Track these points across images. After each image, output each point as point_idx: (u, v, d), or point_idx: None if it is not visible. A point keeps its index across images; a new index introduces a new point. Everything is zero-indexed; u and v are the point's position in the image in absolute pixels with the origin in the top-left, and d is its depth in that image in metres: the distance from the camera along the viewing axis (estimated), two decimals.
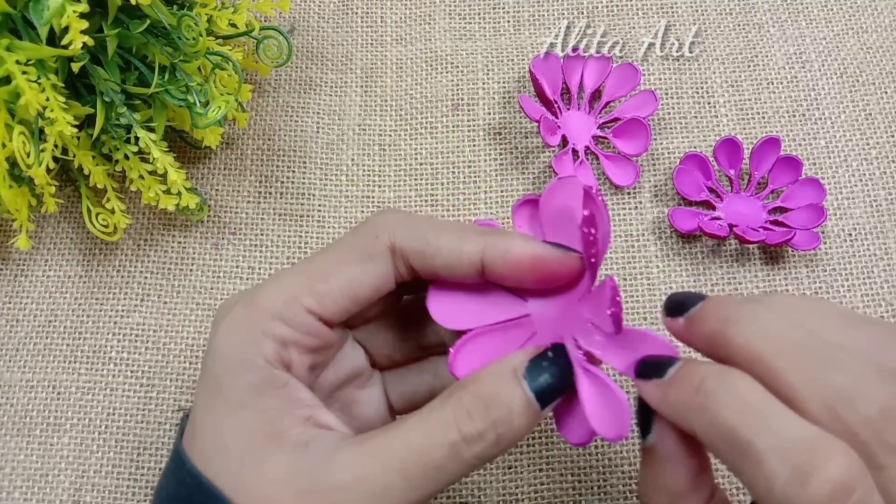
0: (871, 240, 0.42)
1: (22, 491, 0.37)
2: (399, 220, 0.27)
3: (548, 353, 0.25)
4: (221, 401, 0.26)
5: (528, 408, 0.24)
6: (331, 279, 0.26)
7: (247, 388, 0.25)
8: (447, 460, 0.24)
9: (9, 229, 0.42)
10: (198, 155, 0.44)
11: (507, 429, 0.24)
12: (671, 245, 0.42)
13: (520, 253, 0.26)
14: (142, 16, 0.35)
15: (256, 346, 0.26)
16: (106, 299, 0.41)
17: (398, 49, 0.47)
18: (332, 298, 0.26)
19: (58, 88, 0.33)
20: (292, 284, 0.26)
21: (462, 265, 0.26)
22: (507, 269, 0.26)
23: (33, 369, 0.39)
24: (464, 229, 0.27)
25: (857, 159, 0.44)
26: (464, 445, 0.24)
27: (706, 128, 0.45)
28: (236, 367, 0.26)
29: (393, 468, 0.24)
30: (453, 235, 0.27)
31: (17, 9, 0.32)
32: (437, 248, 0.26)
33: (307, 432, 0.25)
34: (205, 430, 0.26)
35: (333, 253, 0.27)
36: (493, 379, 0.25)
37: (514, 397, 0.24)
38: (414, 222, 0.27)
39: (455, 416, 0.24)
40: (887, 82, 0.46)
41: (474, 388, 0.25)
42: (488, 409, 0.24)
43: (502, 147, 0.44)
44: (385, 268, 0.27)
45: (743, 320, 0.23)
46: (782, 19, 0.47)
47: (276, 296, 0.26)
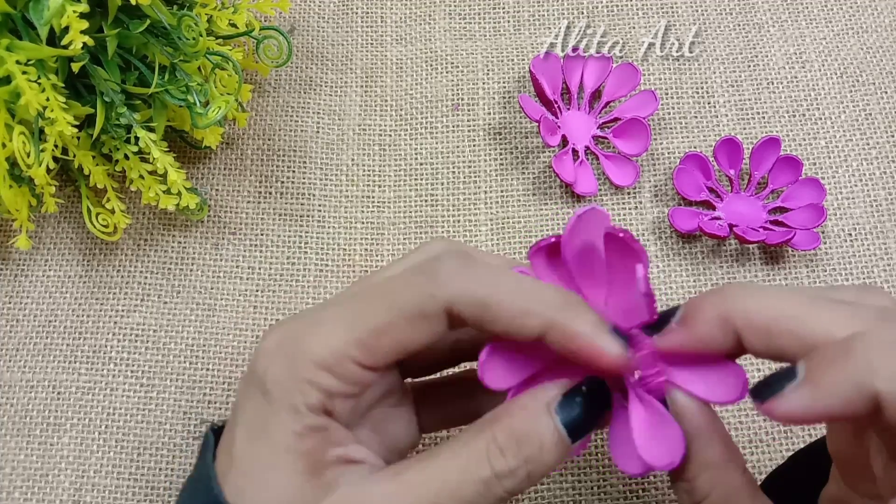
0: (871, 240, 0.42)
1: (22, 491, 0.37)
2: (458, 273, 0.25)
3: (581, 387, 0.25)
4: (263, 443, 0.25)
5: (559, 443, 0.25)
6: (382, 338, 0.25)
7: (290, 433, 0.25)
8: (479, 496, 0.24)
9: (9, 229, 0.42)
10: (198, 155, 0.44)
11: (537, 465, 0.24)
12: (671, 245, 0.42)
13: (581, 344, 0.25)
14: (142, 16, 0.35)
15: (302, 395, 0.25)
16: (106, 299, 0.41)
17: (398, 49, 0.47)
18: (383, 353, 0.25)
19: (58, 88, 0.33)
20: (340, 335, 0.25)
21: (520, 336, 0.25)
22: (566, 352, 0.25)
23: (33, 369, 0.39)
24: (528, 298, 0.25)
25: (857, 159, 0.44)
26: (495, 481, 0.24)
27: (706, 128, 0.45)
28: (281, 412, 0.25)
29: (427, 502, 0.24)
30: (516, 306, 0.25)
31: (17, 9, 0.32)
32: (497, 318, 0.25)
33: (338, 470, 0.25)
34: (243, 466, 0.25)
35: (384, 301, 0.25)
36: (525, 414, 0.25)
37: (546, 434, 0.24)
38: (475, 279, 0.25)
39: (488, 452, 0.24)
40: (887, 82, 0.46)
41: (507, 423, 0.25)
42: (520, 447, 0.24)
43: (502, 147, 0.44)
44: (439, 328, 0.25)
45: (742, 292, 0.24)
46: (782, 19, 0.47)
47: (324, 347, 0.25)
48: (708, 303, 0.24)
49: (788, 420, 0.22)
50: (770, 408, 0.22)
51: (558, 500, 0.37)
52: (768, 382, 0.22)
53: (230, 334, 0.40)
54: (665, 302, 0.41)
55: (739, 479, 0.25)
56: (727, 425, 0.38)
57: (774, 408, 0.22)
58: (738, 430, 0.38)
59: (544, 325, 0.25)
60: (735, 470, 0.25)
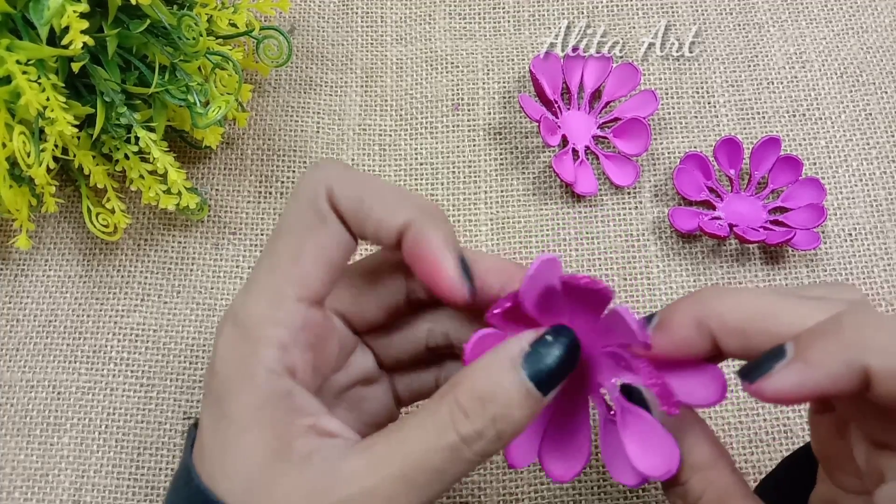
0: (871, 240, 0.42)
1: (22, 491, 0.37)
2: (335, 176, 0.26)
3: (546, 336, 0.24)
4: (226, 422, 0.25)
5: (527, 398, 0.23)
6: (300, 258, 0.25)
7: (249, 408, 0.25)
8: (448, 463, 0.23)
9: (9, 229, 0.42)
10: (198, 155, 0.44)
11: (506, 423, 0.23)
12: (671, 245, 0.42)
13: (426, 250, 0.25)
14: (142, 16, 0.35)
15: (256, 359, 0.25)
16: (106, 299, 0.41)
17: (398, 49, 0.47)
18: (312, 276, 0.25)
19: (58, 88, 0.33)
20: (269, 282, 0.26)
21: (389, 235, 0.26)
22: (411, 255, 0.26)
23: (33, 369, 0.39)
24: (400, 198, 0.26)
25: (857, 159, 0.44)
26: (463, 446, 0.23)
27: (706, 128, 0.45)
28: (238, 387, 0.25)
29: (395, 477, 0.23)
30: (387, 202, 0.26)
31: (17, 9, 0.32)
32: (370, 211, 0.25)
33: (310, 443, 0.24)
34: (212, 451, 0.25)
35: (288, 233, 0.26)
36: (488, 372, 0.24)
37: (512, 390, 0.23)
38: (349, 179, 0.26)
39: (452, 417, 0.23)
40: (887, 82, 0.46)
41: (470, 383, 0.24)
42: (485, 406, 0.23)
43: (502, 147, 0.44)
44: (338, 226, 0.26)
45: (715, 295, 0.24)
46: (782, 19, 0.47)
47: (261, 301, 0.25)
48: (682, 307, 0.24)
49: (778, 399, 0.21)
50: (759, 387, 0.21)
51: (558, 500, 0.37)
52: (757, 363, 0.22)
53: None
54: (665, 302, 0.41)
55: (730, 478, 0.25)
56: (727, 425, 0.38)
57: (764, 387, 0.21)
58: (738, 430, 0.38)
59: (406, 223, 0.25)
60: (725, 468, 0.25)
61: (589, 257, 0.42)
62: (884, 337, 0.21)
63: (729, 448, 0.38)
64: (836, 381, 0.21)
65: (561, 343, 0.24)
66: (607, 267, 0.42)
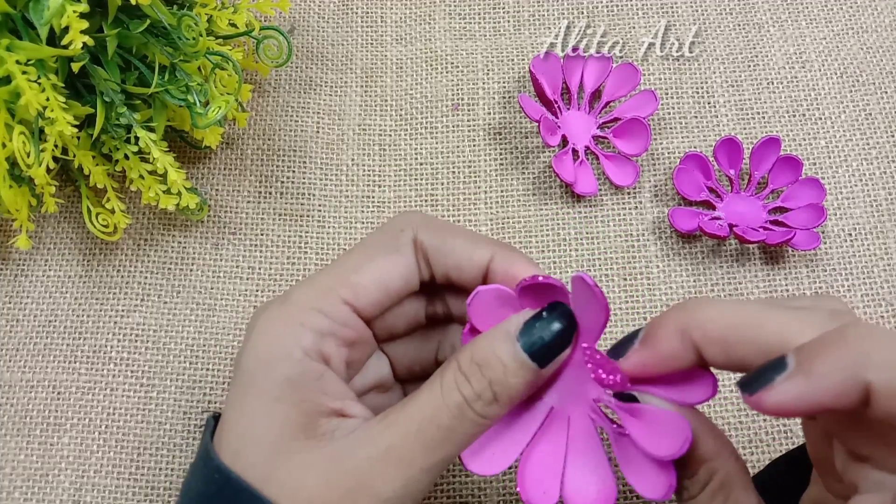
0: (871, 240, 0.42)
1: (22, 491, 0.37)
2: (422, 219, 0.29)
3: (542, 313, 0.26)
4: (254, 396, 0.26)
5: (521, 366, 0.25)
6: (362, 271, 0.28)
7: (282, 381, 0.26)
8: (456, 421, 0.25)
9: (9, 229, 0.42)
10: (198, 155, 0.44)
11: (502, 387, 0.25)
12: (671, 245, 0.42)
13: (520, 272, 0.28)
14: (142, 16, 0.35)
15: (294, 338, 0.26)
16: (106, 299, 0.41)
17: (398, 49, 0.47)
18: (366, 289, 0.28)
19: (58, 88, 0.33)
20: (325, 280, 0.28)
21: (471, 268, 0.28)
22: (506, 283, 0.28)
23: (33, 369, 0.39)
24: (477, 237, 0.29)
25: (857, 159, 0.44)
26: (466, 406, 0.25)
27: (706, 128, 0.45)
28: (273, 361, 0.26)
29: (410, 434, 0.25)
30: (468, 240, 0.29)
31: (17, 9, 0.32)
32: (452, 247, 0.28)
33: (332, 422, 0.26)
34: (235, 426, 0.26)
35: (361, 249, 0.29)
36: (487, 342, 0.26)
37: (506, 357, 0.25)
38: (435, 222, 0.29)
39: (455, 379, 0.26)
40: (887, 82, 0.46)
41: (470, 352, 0.26)
42: (482, 370, 0.25)
43: (502, 147, 0.44)
44: (411, 259, 0.28)
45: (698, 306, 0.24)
46: (782, 19, 0.47)
47: (311, 291, 0.27)
48: (667, 319, 0.24)
49: (779, 412, 0.21)
50: (759, 399, 0.21)
51: None
52: (757, 374, 0.22)
53: (230, 334, 0.40)
54: (665, 302, 0.41)
55: (734, 465, 0.26)
56: (727, 425, 0.38)
57: (764, 399, 0.21)
58: (738, 430, 0.38)
59: (490, 254, 0.28)
60: (729, 457, 0.26)
61: (589, 257, 0.42)
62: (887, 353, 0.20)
63: None
64: (839, 396, 0.21)
65: (555, 318, 0.26)
66: (607, 267, 0.42)
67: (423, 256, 0.29)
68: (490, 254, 0.28)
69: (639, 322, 0.41)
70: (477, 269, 0.28)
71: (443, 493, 0.37)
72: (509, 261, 0.28)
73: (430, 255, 0.29)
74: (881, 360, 0.20)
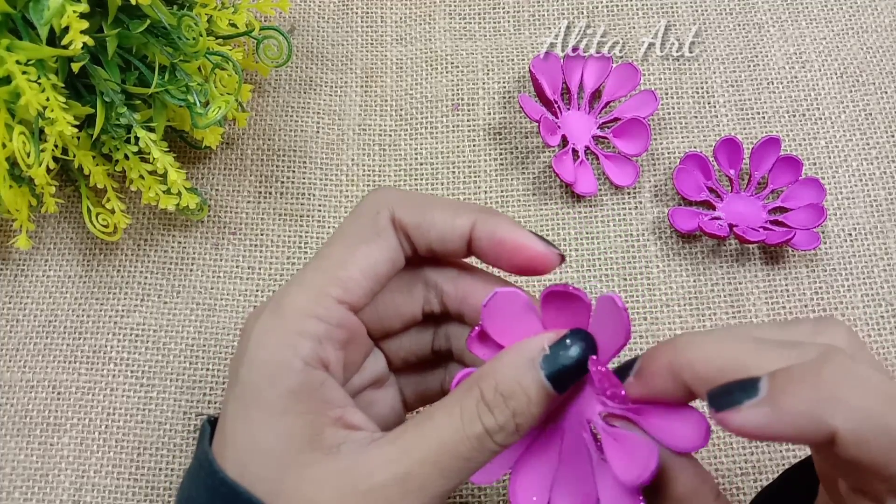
0: (871, 240, 0.42)
1: (22, 491, 0.37)
2: (396, 196, 0.28)
3: (565, 339, 0.25)
4: (256, 409, 0.26)
5: (545, 395, 0.25)
6: (349, 264, 0.27)
7: (283, 394, 0.25)
8: (475, 451, 0.25)
9: (9, 229, 0.42)
10: (198, 155, 0.44)
11: (525, 417, 0.25)
12: (671, 245, 0.42)
13: (504, 234, 0.27)
14: (142, 16, 0.35)
15: (293, 349, 0.26)
16: (106, 299, 0.41)
17: (398, 49, 0.47)
18: (356, 282, 0.27)
19: (58, 88, 0.33)
20: (315, 280, 0.27)
21: (454, 238, 0.28)
22: (491, 247, 0.27)
23: (33, 369, 0.39)
24: (458, 205, 0.28)
25: (857, 159, 0.44)
26: (487, 437, 0.25)
27: (706, 128, 0.45)
28: (273, 374, 0.26)
29: (428, 462, 0.25)
30: (448, 210, 0.28)
31: (17, 9, 0.32)
32: (433, 220, 0.28)
33: (338, 434, 0.26)
34: (238, 439, 0.26)
35: (342, 239, 0.28)
36: (511, 370, 0.25)
37: (531, 387, 0.25)
38: (410, 197, 0.28)
39: (478, 410, 0.25)
40: (887, 82, 0.46)
41: (493, 381, 0.25)
42: (507, 402, 0.25)
43: (502, 147, 0.44)
44: (393, 241, 0.28)
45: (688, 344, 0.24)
46: (782, 19, 0.47)
47: (303, 295, 0.27)
48: (658, 356, 0.24)
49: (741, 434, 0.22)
50: (724, 418, 0.21)
51: None
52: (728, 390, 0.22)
53: (230, 334, 0.40)
54: (665, 302, 0.41)
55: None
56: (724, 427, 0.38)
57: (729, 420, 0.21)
58: None
59: (472, 220, 0.27)
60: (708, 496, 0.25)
61: (589, 257, 0.42)
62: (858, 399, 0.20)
63: (728, 448, 0.38)
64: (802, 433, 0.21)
65: (577, 345, 0.25)
66: (607, 267, 0.42)
67: (404, 234, 0.28)
68: (472, 220, 0.28)
69: (638, 322, 0.41)
70: (459, 237, 0.28)
71: None
72: (492, 224, 0.27)
73: (411, 231, 0.28)
74: (850, 406, 0.20)
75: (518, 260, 0.28)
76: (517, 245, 0.27)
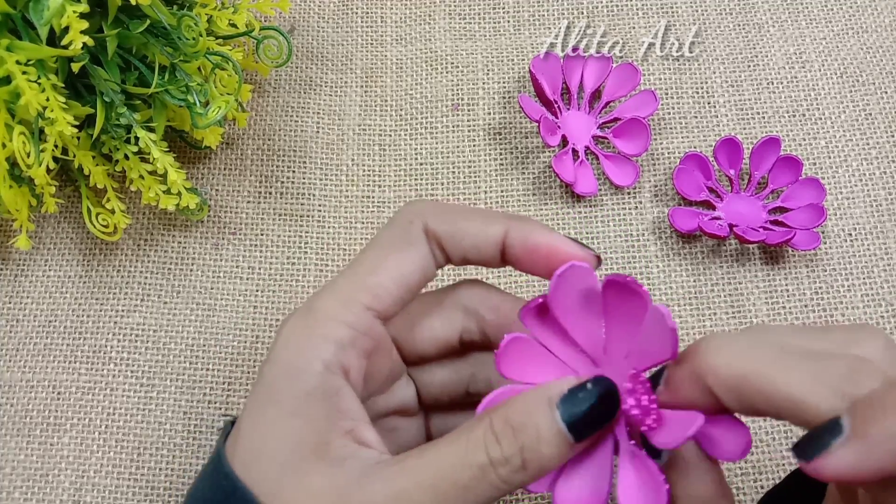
0: (871, 240, 0.42)
1: (22, 491, 0.37)
2: (429, 207, 0.28)
3: (587, 384, 0.25)
4: (272, 408, 0.26)
5: (557, 437, 0.24)
6: (380, 271, 0.27)
7: (299, 394, 0.25)
8: (475, 481, 0.24)
9: (9, 229, 0.42)
10: (198, 155, 0.44)
11: (533, 455, 0.24)
12: (671, 245, 0.42)
13: (538, 239, 0.27)
14: (142, 16, 0.35)
15: (315, 350, 0.26)
16: (106, 299, 0.41)
17: (398, 49, 0.47)
18: (386, 289, 0.27)
19: (58, 88, 0.33)
20: (346, 286, 0.27)
21: (488, 246, 0.28)
22: (525, 253, 0.27)
23: (33, 369, 0.39)
24: (490, 214, 0.28)
25: (857, 159, 0.44)
26: (490, 468, 0.24)
27: (706, 128, 0.45)
28: (292, 373, 0.26)
29: (424, 486, 0.24)
30: (480, 218, 0.28)
31: (17, 9, 0.32)
32: (466, 229, 0.28)
33: (347, 447, 0.25)
34: (250, 436, 0.26)
35: (375, 248, 0.28)
36: (525, 406, 0.25)
37: (543, 425, 0.24)
38: (443, 207, 0.29)
39: (484, 438, 0.24)
40: (887, 82, 0.46)
41: (506, 412, 0.25)
42: (516, 435, 0.24)
43: (502, 147, 0.44)
44: (425, 250, 0.28)
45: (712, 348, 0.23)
46: (782, 19, 0.47)
47: (333, 300, 0.27)
48: (684, 363, 0.24)
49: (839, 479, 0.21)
50: (817, 467, 0.21)
51: None
52: (812, 437, 0.21)
53: (230, 334, 0.40)
54: (665, 302, 0.41)
55: None
56: None
57: (822, 467, 0.20)
58: None
59: (505, 228, 0.27)
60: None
61: None
62: None
63: None
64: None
65: (598, 392, 0.24)
66: (607, 267, 0.42)
67: (437, 244, 0.28)
68: (504, 228, 0.28)
69: None
70: (493, 246, 0.28)
71: None
72: (526, 230, 0.27)
73: (444, 241, 0.28)
74: None
75: (554, 264, 0.27)
76: (552, 250, 0.27)
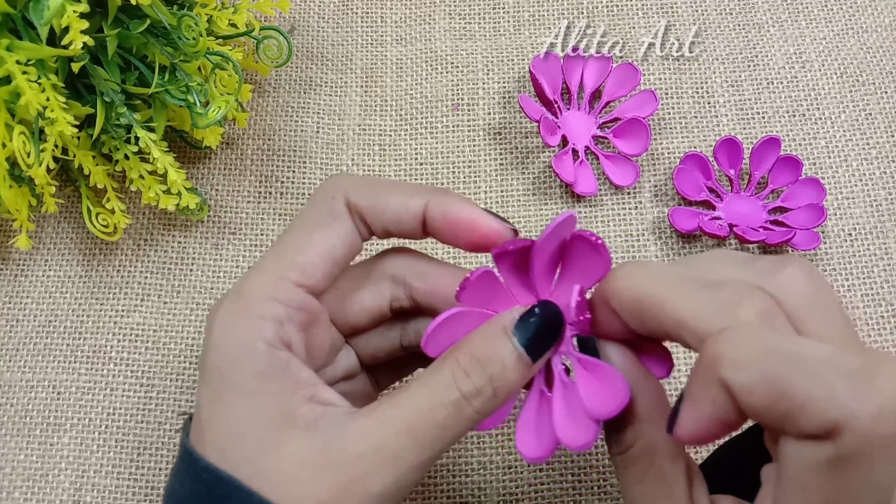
0: (871, 240, 0.42)
1: (22, 491, 0.37)
2: (351, 181, 0.29)
3: (535, 309, 0.26)
4: (228, 393, 0.26)
5: (519, 361, 0.26)
6: (306, 248, 0.28)
7: (252, 375, 0.26)
8: (451, 418, 0.25)
9: (9, 229, 0.42)
10: (198, 155, 0.44)
11: (502, 382, 0.25)
12: (671, 245, 0.42)
13: (458, 211, 0.28)
14: (142, 16, 0.35)
15: (255, 332, 0.26)
16: (106, 299, 0.41)
17: (398, 49, 0.47)
18: (314, 265, 0.28)
19: (58, 88, 0.33)
20: (274, 265, 0.28)
21: (409, 219, 0.28)
22: (446, 225, 0.28)
23: (33, 369, 0.39)
24: (411, 187, 0.29)
25: (857, 159, 0.44)
26: (464, 402, 0.25)
27: (706, 128, 0.45)
28: (239, 356, 0.26)
29: (403, 432, 0.25)
30: (401, 192, 0.28)
31: (17, 9, 0.32)
32: (387, 203, 0.28)
33: (314, 410, 0.26)
34: (214, 425, 0.26)
35: (299, 225, 0.28)
36: (485, 338, 0.26)
37: (505, 352, 0.25)
38: (365, 182, 0.29)
39: (454, 376, 0.25)
40: (887, 82, 0.46)
41: (468, 347, 0.26)
42: (483, 366, 0.25)
43: (502, 147, 0.44)
44: (349, 224, 0.28)
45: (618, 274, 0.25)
46: (782, 19, 0.47)
47: (262, 280, 0.27)
48: (598, 287, 0.26)
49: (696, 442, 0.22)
50: (676, 434, 0.22)
51: (558, 500, 0.37)
52: (674, 408, 0.23)
53: None
54: None
55: (663, 435, 0.25)
56: None
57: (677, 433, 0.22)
58: None
59: (425, 202, 0.28)
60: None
61: None
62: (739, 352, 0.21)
63: None
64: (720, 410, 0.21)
65: (546, 315, 0.26)
66: None
67: (360, 217, 0.29)
68: (424, 201, 0.28)
69: None
70: (414, 218, 0.28)
71: (443, 494, 0.37)
72: (445, 203, 0.28)
73: (366, 214, 0.28)
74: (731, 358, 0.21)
75: (473, 237, 0.28)
76: (470, 222, 0.28)
